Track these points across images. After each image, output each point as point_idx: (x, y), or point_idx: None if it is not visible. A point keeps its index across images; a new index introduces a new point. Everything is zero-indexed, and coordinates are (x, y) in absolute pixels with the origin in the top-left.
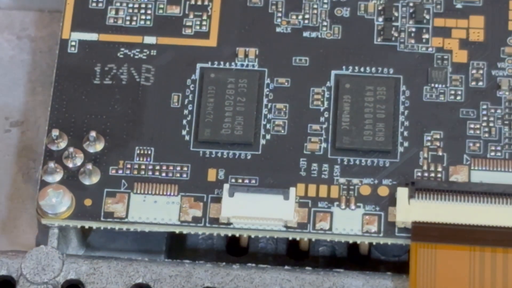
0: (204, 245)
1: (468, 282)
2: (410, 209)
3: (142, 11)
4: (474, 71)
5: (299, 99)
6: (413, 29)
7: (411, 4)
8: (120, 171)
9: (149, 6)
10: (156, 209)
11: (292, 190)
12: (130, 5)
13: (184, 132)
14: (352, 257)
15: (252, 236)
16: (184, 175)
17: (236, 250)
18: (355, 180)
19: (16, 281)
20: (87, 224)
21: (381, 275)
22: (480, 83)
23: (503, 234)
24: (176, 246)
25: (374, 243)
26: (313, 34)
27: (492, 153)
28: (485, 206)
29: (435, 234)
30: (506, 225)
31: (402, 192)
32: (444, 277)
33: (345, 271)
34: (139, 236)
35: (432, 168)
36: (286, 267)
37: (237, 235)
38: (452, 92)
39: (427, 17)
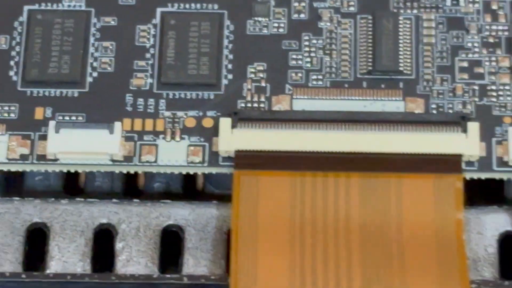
0: (41, 186)
1: (289, 207)
2: (233, 139)
3: None
4: (296, 4)
5: (125, 37)
6: None
7: None
8: None
9: None
10: None
11: (117, 124)
12: None
13: (12, 73)
14: (187, 192)
15: (80, 171)
16: (12, 115)
17: (73, 190)
18: (180, 113)
19: None
20: None
21: (206, 204)
22: (302, 15)
23: (322, 159)
24: (13, 189)
25: (200, 173)
26: None
27: (314, 82)
28: (306, 133)
29: (258, 162)
30: (325, 150)
31: (225, 122)
32: (266, 202)
33: (172, 202)
34: None
35: (255, 99)
36: (114, 200)
37: (65, 170)
38: (275, 24)
39: None
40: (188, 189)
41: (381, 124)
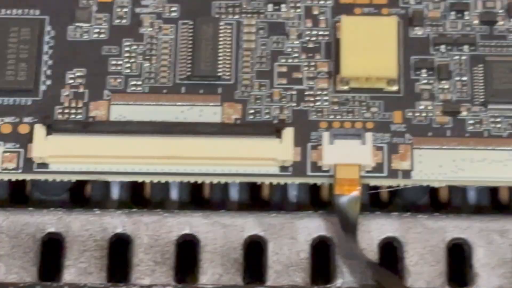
0: None
1: None
2: (47, 145)
3: None
4: (118, 10)
5: None
6: None
7: None
8: None
9: None
10: None
11: None
12: None
13: None
14: (14, 199)
15: None
16: None
17: None
18: None
19: None
20: None
21: (21, 211)
22: (124, 21)
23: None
24: None
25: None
26: None
27: (133, 88)
28: (121, 139)
29: None
30: (141, 155)
31: (39, 129)
32: None
33: None
34: None
35: (73, 105)
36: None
37: None
38: (96, 30)
39: None
40: (15, 196)
41: (197, 129)
